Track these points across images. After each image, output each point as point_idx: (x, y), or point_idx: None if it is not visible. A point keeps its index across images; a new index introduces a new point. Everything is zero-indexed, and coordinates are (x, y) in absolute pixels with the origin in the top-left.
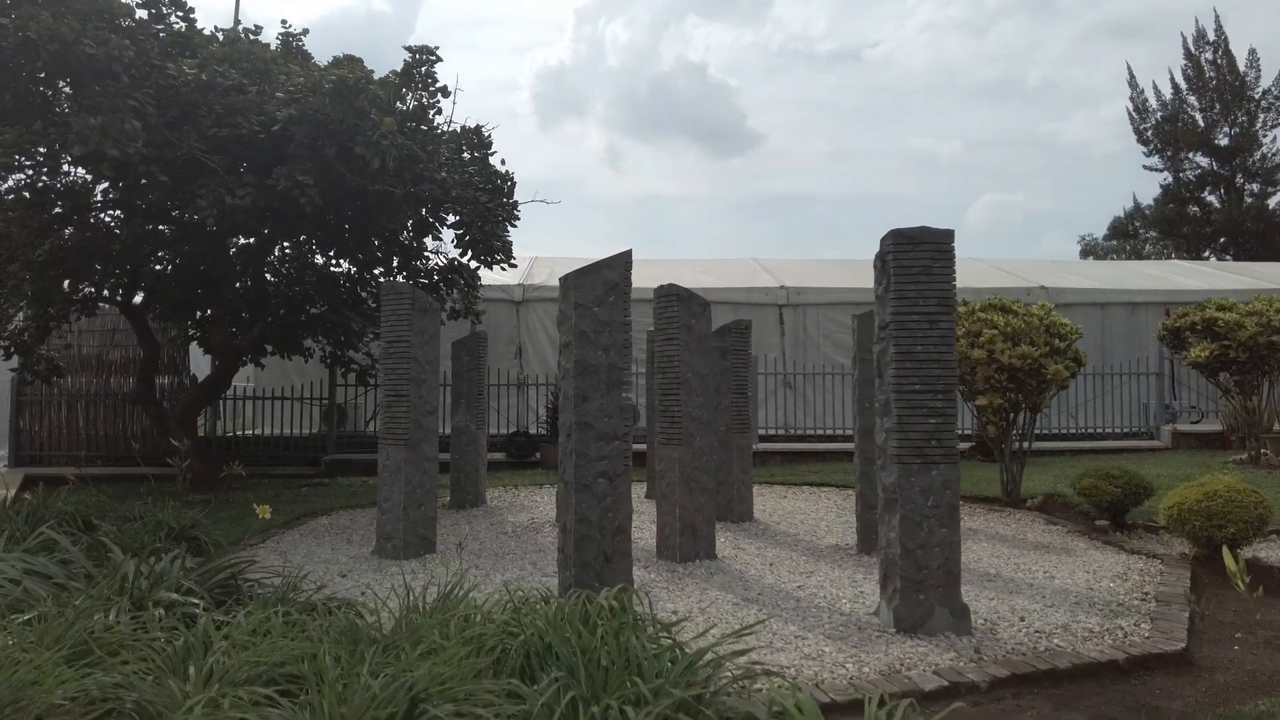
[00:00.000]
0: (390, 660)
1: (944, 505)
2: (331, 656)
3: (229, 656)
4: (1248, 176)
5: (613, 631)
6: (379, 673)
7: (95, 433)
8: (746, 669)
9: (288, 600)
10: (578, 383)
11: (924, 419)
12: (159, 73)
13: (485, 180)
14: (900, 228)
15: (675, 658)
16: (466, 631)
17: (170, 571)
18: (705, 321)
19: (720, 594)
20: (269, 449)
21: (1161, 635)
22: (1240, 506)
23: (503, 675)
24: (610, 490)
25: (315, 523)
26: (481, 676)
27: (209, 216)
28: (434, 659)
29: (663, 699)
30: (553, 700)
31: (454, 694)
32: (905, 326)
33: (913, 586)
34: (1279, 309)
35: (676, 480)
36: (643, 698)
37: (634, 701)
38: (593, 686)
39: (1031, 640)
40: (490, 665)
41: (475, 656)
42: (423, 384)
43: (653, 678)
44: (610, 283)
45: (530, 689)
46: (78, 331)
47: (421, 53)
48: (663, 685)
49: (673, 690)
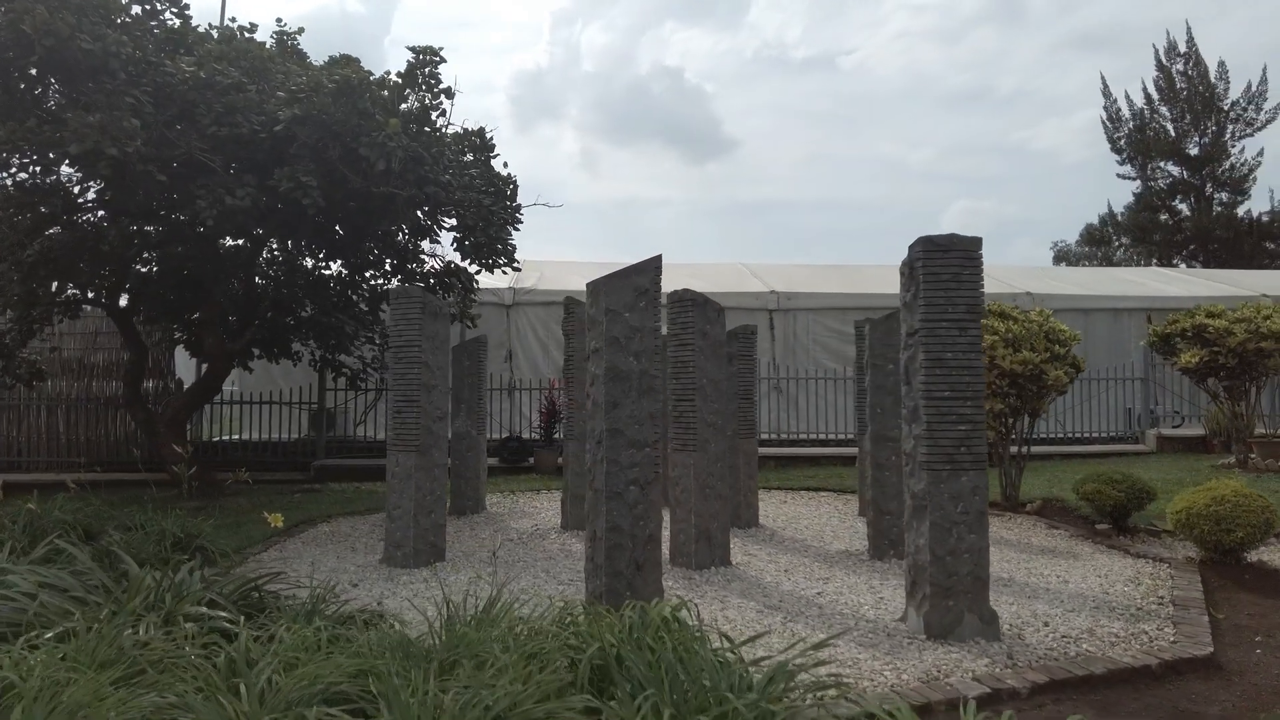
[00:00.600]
0: (449, 677)
1: (973, 511)
2: (397, 674)
3: (280, 674)
4: (1217, 186)
5: (681, 644)
6: (447, 689)
7: (76, 438)
8: (820, 680)
9: (318, 613)
10: (609, 389)
11: (953, 425)
12: (156, 70)
13: (487, 183)
14: (929, 235)
15: (743, 671)
16: (529, 645)
17: (190, 583)
18: (720, 327)
19: (741, 601)
20: (256, 454)
21: (1187, 639)
22: (1248, 511)
23: (577, 691)
24: (641, 498)
25: (315, 530)
26: (562, 694)
27: (209, 217)
28: (505, 675)
29: (753, 713)
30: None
31: (533, 714)
32: (935, 333)
33: (942, 593)
34: (1266, 316)
35: (692, 487)
36: (738, 713)
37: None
38: (679, 703)
39: (1060, 645)
40: (565, 682)
41: (541, 672)
42: (433, 389)
43: (743, 691)
44: (641, 288)
45: (618, 707)
46: (59, 334)
47: (425, 53)
48: (758, 701)
49: (769, 706)
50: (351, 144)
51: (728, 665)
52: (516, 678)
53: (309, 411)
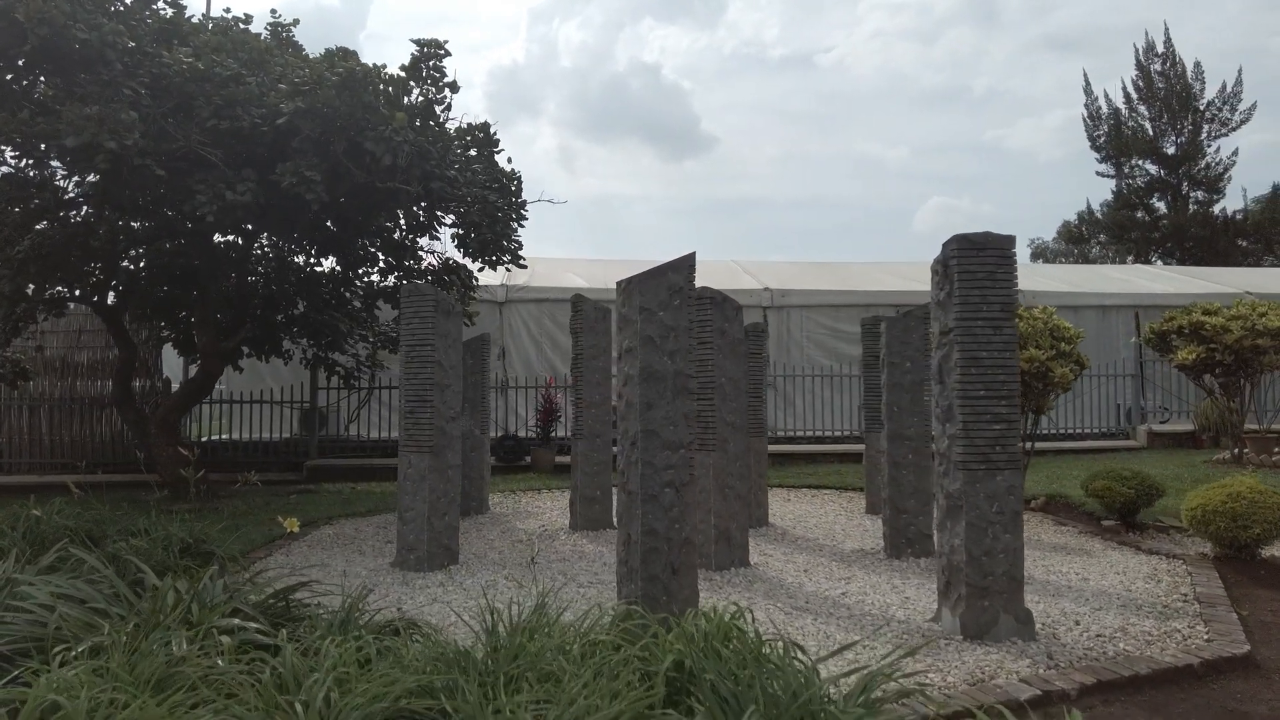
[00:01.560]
0: (516, 692)
1: (1008, 511)
2: (474, 690)
3: (334, 691)
4: (1193, 184)
5: (751, 654)
6: (523, 707)
7: (59, 439)
8: (905, 688)
9: (352, 622)
10: (643, 390)
11: (989, 425)
12: (154, 60)
13: (492, 179)
14: (964, 233)
15: (812, 680)
16: (595, 658)
17: (214, 592)
18: (738, 325)
19: (767, 603)
20: (246, 454)
21: (1222, 638)
22: (1264, 508)
23: (656, 708)
24: (677, 501)
25: (319, 533)
26: (647, 710)
27: (209, 213)
28: (580, 690)
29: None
30: None
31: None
32: (970, 332)
33: (978, 593)
34: (1262, 313)
35: (711, 487)
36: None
37: None
38: (776, 718)
39: (1096, 644)
40: (640, 697)
41: (614, 686)
42: (447, 389)
43: (833, 702)
44: (675, 286)
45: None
46: (41, 333)
47: (430, 46)
48: (863, 716)
49: (871, 718)
50: (356, 138)
51: (809, 675)
52: (592, 693)
53: (300, 411)
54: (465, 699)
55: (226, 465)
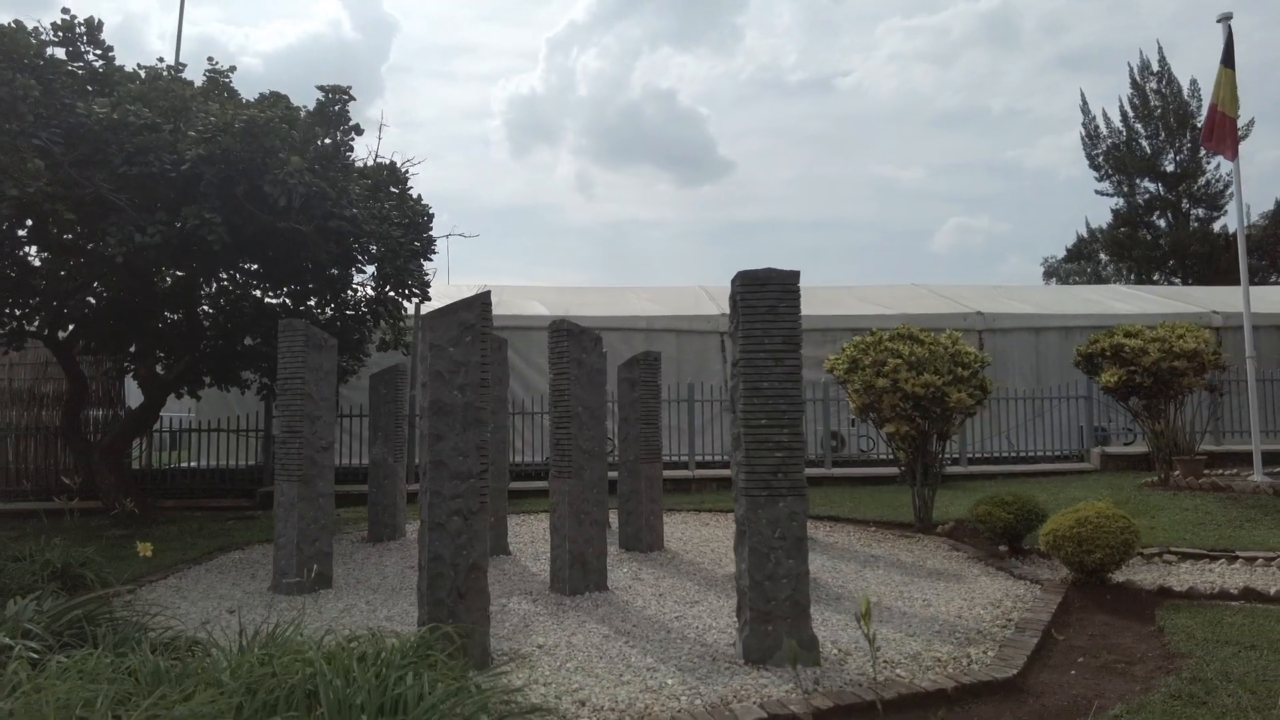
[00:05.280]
0: (159, 701)
1: (790, 537)
2: (107, 699)
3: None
4: (1193, 202)
5: (391, 670)
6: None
7: (25, 466)
8: (517, 707)
9: (134, 640)
10: (432, 422)
11: (770, 453)
12: (69, 111)
13: (403, 215)
14: (748, 269)
15: (453, 697)
16: (260, 670)
17: (24, 613)
18: (597, 355)
19: (596, 626)
20: (204, 481)
21: (1001, 662)
22: (1107, 532)
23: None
24: (464, 528)
25: (226, 557)
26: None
27: (118, 254)
28: (197, 700)
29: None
30: None
31: None
32: (753, 364)
33: (761, 617)
34: (1180, 335)
35: (566, 513)
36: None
37: None
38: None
39: (876, 671)
40: (237, 706)
41: (244, 696)
42: (317, 420)
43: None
44: (466, 324)
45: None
46: (9, 364)
47: (334, 92)
48: None
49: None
50: (257, 181)
51: (465, 693)
52: (201, 701)
53: (260, 439)
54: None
55: (182, 492)
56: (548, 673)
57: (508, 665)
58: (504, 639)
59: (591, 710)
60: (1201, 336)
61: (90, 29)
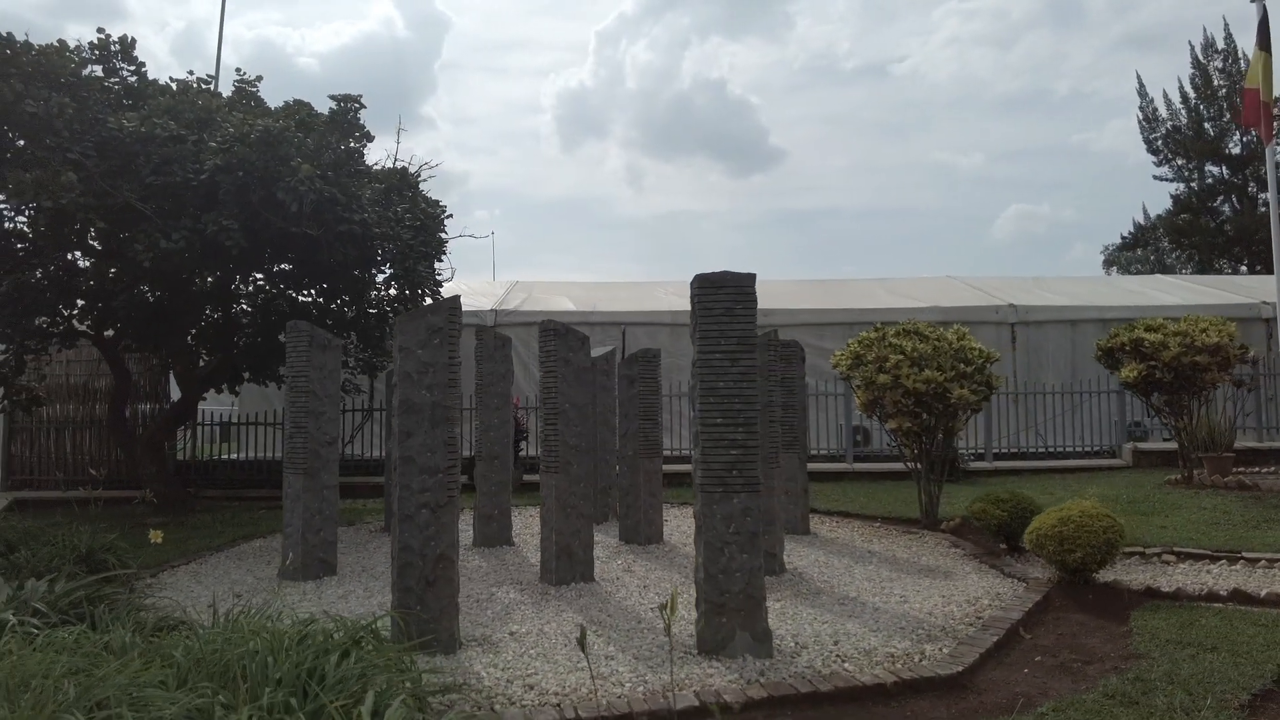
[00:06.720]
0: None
1: (744, 532)
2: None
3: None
4: (1260, 185)
5: (331, 651)
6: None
7: (81, 457)
8: (434, 686)
9: (124, 619)
10: (402, 420)
11: (725, 450)
12: (101, 125)
13: (414, 218)
14: (705, 272)
15: (363, 677)
16: (207, 647)
17: (35, 592)
18: (584, 354)
19: (573, 616)
20: (245, 472)
21: (950, 659)
22: (1089, 531)
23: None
24: (433, 520)
25: (248, 545)
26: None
27: (146, 259)
28: (144, 673)
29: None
30: (200, 705)
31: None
32: (709, 364)
33: (715, 610)
34: (1203, 329)
35: (554, 506)
36: (287, 706)
37: (280, 709)
38: (248, 696)
39: (826, 664)
40: (179, 678)
41: (191, 670)
42: (321, 416)
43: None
44: (434, 327)
45: (174, 694)
46: (65, 361)
47: (345, 100)
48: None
49: (326, 700)
50: (272, 188)
51: (377, 669)
52: (158, 674)
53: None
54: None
55: (224, 483)
56: (510, 658)
57: (474, 650)
58: (482, 625)
59: (538, 694)
60: (1226, 330)
61: (124, 46)
